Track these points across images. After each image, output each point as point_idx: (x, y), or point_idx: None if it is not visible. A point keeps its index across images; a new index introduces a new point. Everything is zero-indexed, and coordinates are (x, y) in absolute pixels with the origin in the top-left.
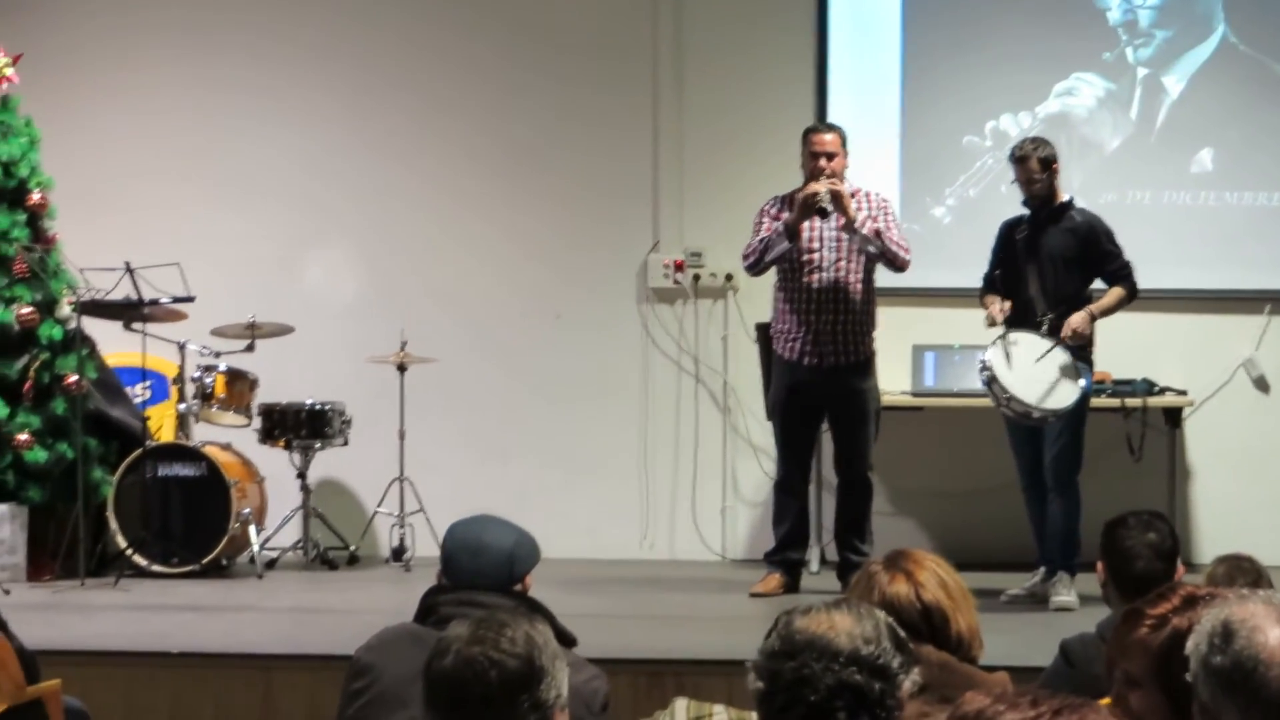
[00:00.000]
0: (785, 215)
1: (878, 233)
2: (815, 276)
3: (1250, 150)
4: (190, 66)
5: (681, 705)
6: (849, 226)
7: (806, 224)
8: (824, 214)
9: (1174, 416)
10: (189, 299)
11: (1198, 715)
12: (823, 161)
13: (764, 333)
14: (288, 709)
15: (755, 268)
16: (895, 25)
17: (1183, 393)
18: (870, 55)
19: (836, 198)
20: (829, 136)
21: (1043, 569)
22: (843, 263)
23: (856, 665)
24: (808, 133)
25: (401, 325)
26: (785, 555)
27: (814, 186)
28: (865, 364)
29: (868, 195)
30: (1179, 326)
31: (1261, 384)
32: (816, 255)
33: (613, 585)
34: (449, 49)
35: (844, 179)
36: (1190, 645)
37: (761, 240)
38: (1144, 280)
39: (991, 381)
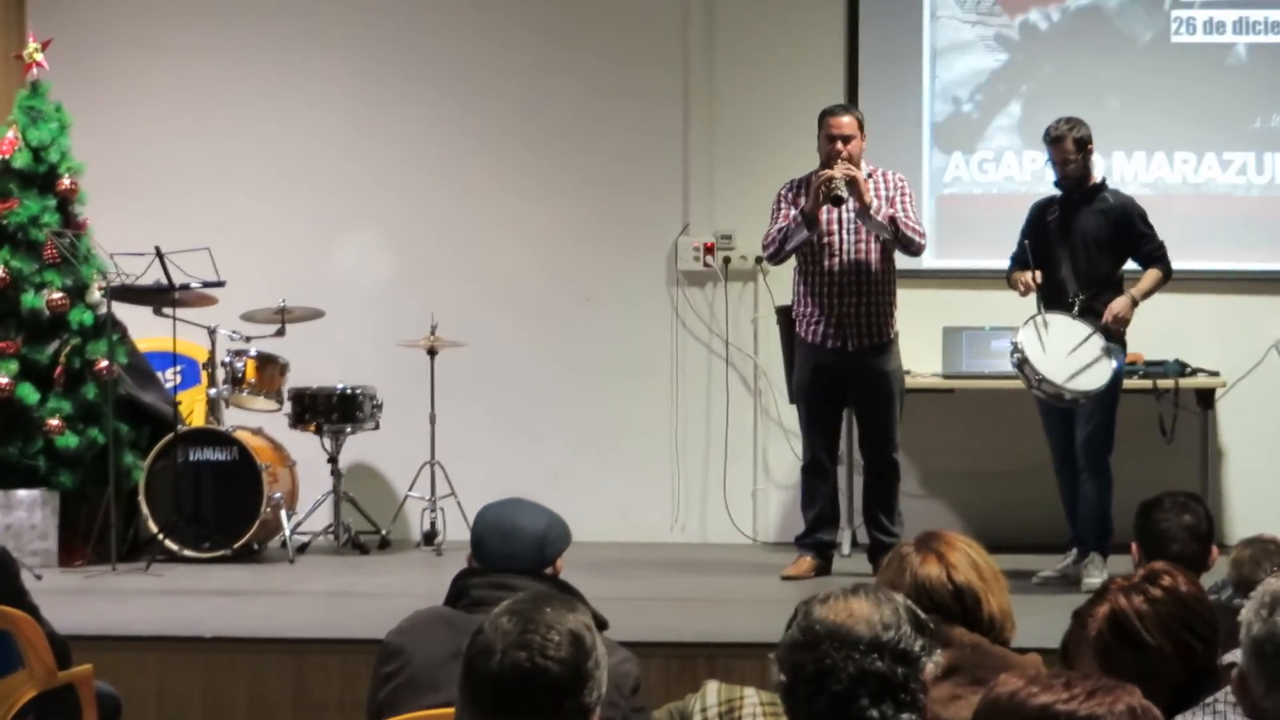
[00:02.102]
0: (802, 200)
1: (892, 219)
2: (834, 260)
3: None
4: (221, 50)
5: (713, 688)
6: (864, 212)
7: (825, 209)
8: (839, 202)
9: (1206, 398)
10: (219, 284)
11: (1235, 682)
12: (839, 145)
13: (785, 316)
14: (320, 692)
15: (775, 257)
16: None
17: (1215, 374)
18: (900, 26)
19: (851, 183)
20: (846, 119)
21: (1075, 550)
22: (862, 245)
23: (878, 652)
24: (824, 115)
25: (432, 309)
26: (816, 538)
27: (827, 173)
28: (888, 346)
29: (885, 175)
30: (1211, 307)
31: None
32: (835, 239)
33: (644, 568)
34: (481, 30)
35: (861, 161)
36: (1242, 614)
37: (780, 229)
38: (1176, 244)
39: (1023, 363)
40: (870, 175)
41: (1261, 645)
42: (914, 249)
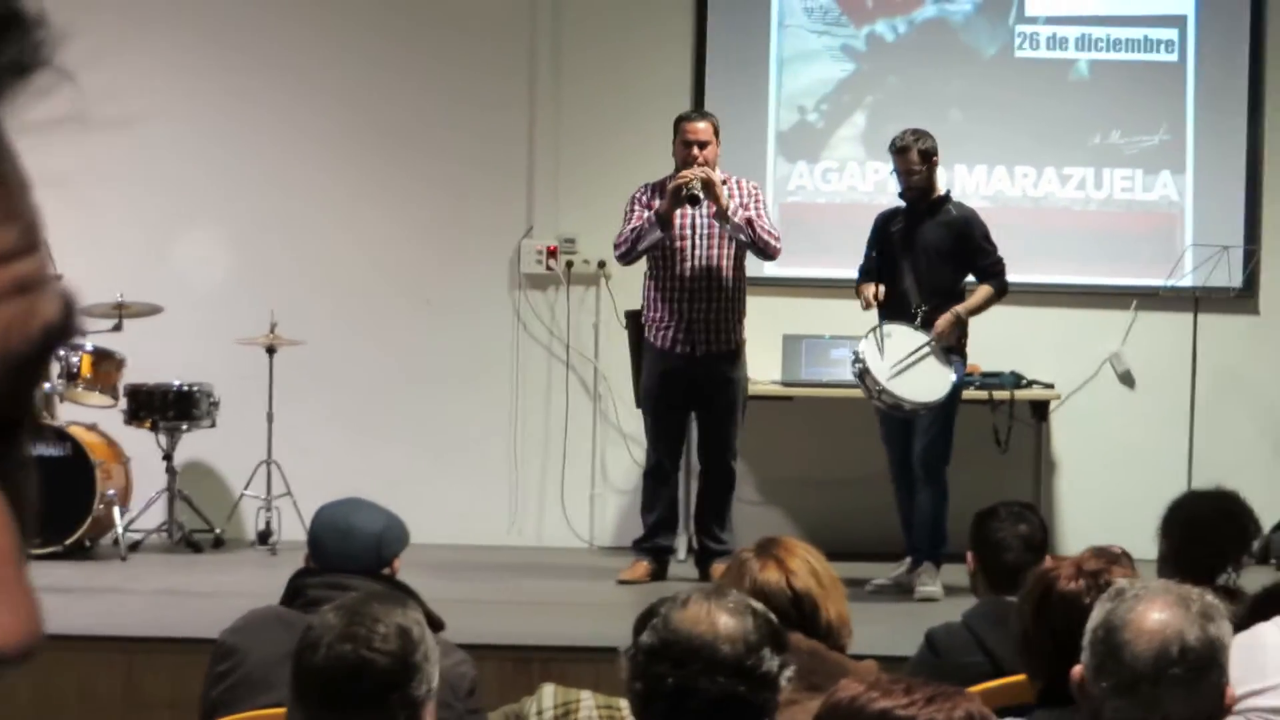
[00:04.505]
0: (657, 203)
1: (749, 221)
2: (686, 265)
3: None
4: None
5: (549, 691)
6: (720, 214)
7: (678, 212)
8: (695, 202)
9: (1041, 410)
10: (55, 277)
11: (1075, 685)
12: (695, 150)
13: (634, 320)
14: (152, 691)
15: (627, 257)
16: (769, 1)
17: (1050, 386)
18: (747, 35)
19: (708, 185)
20: (701, 124)
21: (909, 559)
22: (714, 251)
23: (740, 675)
24: (680, 120)
25: (271, 307)
26: (654, 542)
27: (685, 174)
28: (736, 353)
29: (739, 183)
30: (1048, 321)
31: (1127, 379)
32: (688, 243)
33: (481, 570)
34: (323, 28)
35: (716, 167)
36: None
37: (633, 229)
38: (1015, 258)
39: (863, 374)
40: (725, 181)
41: (1095, 631)
42: (770, 252)
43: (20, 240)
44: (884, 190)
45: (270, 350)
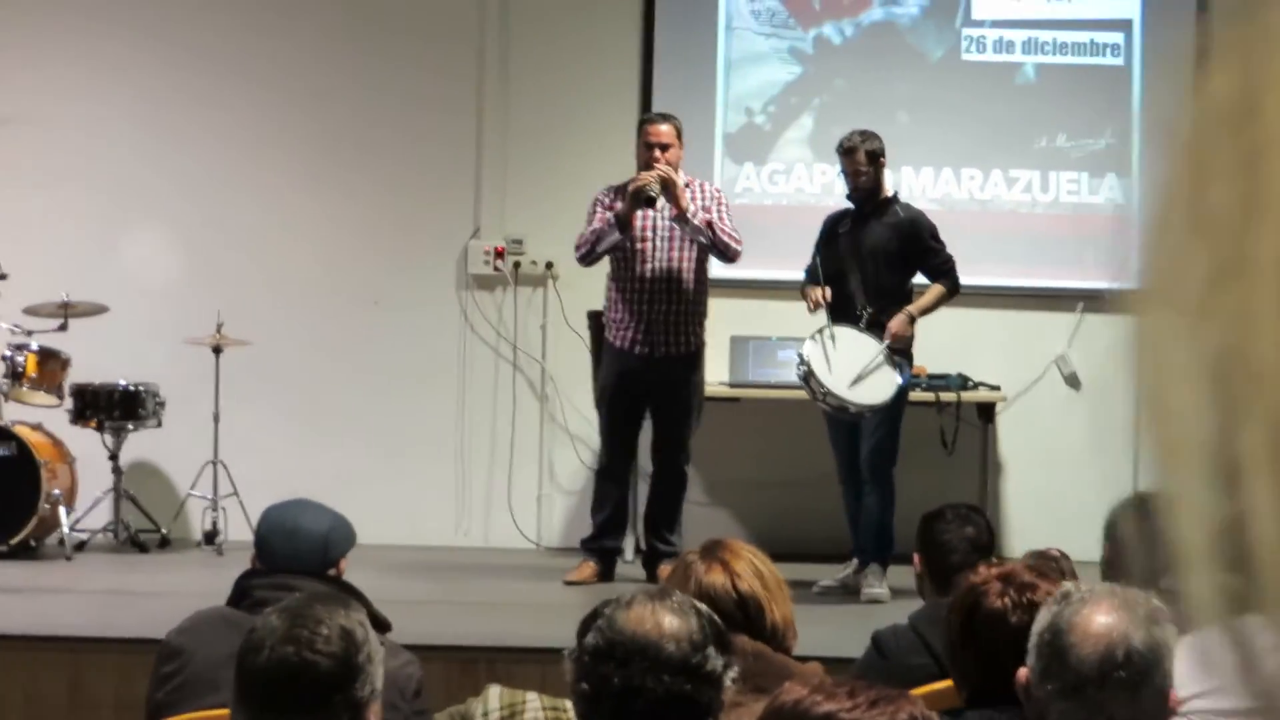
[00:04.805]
0: (619, 205)
1: (709, 223)
2: (647, 266)
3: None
4: (7, 44)
5: (495, 692)
6: (680, 217)
7: (640, 213)
8: (650, 204)
9: (987, 412)
10: (0, 276)
11: (1019, 687)
12: (657, 152)
13: (596, 320)
14: (96, 692)
15: (587, 258)
16: (716, 3)
17: (996, 388)
18: (695, 37)
19: (667, 187)
20: (664, 127)
21: (855, 561)
22: (675, 253)
23: (686, 675)
24: (642, 122)
25: (218, 307)
26: (602, 543)
27: (644, 176)
28: (695, 355)
29: (701, 186)
30: (994, 323)
31: (1073, 381)
32: (649, 245)
33: (428, 571)
34: (271, 28)
35: (679, 170)
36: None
37: (593, 231)
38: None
39: (809, 376)
40: (688, 185)
41: (1041, 634)
42: (730, 254)
43: None
44: (831, 192)
45: (217, 350)
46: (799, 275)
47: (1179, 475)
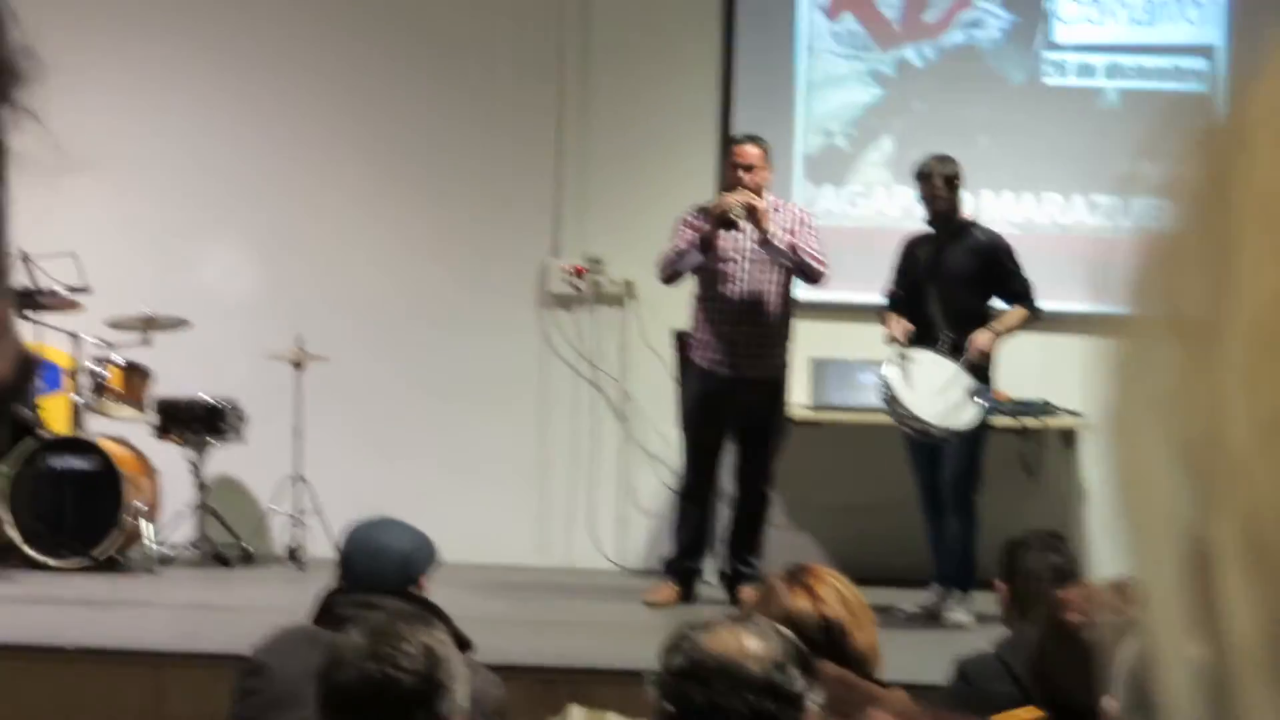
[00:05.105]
0: (705, 225)
1: (793, 245)
2: (732, 287)
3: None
4: (88, 54)
5: (576, 713)
6: (765, 241)
7: (725, 235)
8: (730, 225)
9: (1070, 438)
10: (84, 290)
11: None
12: (742, 173)
13: (681, 340)
14: (177, 707)
15: (669, 277)
16: (796, 26)
17: (1079, 414)
18: (775, 58)
19: (750, 211)
20: (751, 149)
21: (938, 586)
22: (760, 275)
23: (769, 693)
24: (731, 143)
25: (297, 323)
26: (683, 564)
27: (727, 199)
28: (778, 378)
29: (788, 207)
30: (1076, 348)
31: None
32: (734, 267)
33: (508, 591)
34: (353, 50)
35: (766, 192)
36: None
37: (677, 250)
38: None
39: (890, 399)
40: (775, 206)
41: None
42: (814, 276)
43: None
44: (910, 215)
45: (297, 365)
46: (878, 298)
47: (1151, 563)
